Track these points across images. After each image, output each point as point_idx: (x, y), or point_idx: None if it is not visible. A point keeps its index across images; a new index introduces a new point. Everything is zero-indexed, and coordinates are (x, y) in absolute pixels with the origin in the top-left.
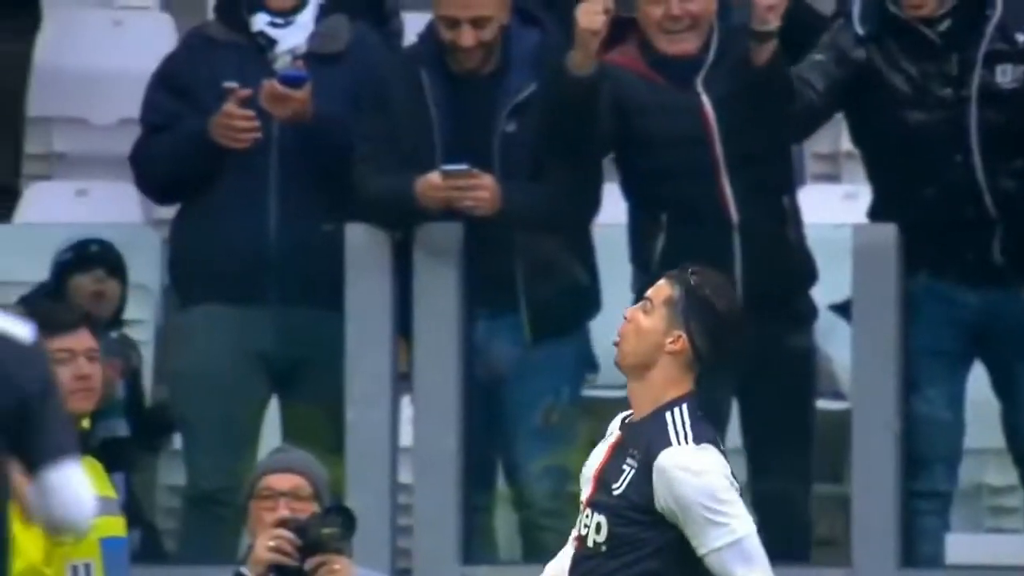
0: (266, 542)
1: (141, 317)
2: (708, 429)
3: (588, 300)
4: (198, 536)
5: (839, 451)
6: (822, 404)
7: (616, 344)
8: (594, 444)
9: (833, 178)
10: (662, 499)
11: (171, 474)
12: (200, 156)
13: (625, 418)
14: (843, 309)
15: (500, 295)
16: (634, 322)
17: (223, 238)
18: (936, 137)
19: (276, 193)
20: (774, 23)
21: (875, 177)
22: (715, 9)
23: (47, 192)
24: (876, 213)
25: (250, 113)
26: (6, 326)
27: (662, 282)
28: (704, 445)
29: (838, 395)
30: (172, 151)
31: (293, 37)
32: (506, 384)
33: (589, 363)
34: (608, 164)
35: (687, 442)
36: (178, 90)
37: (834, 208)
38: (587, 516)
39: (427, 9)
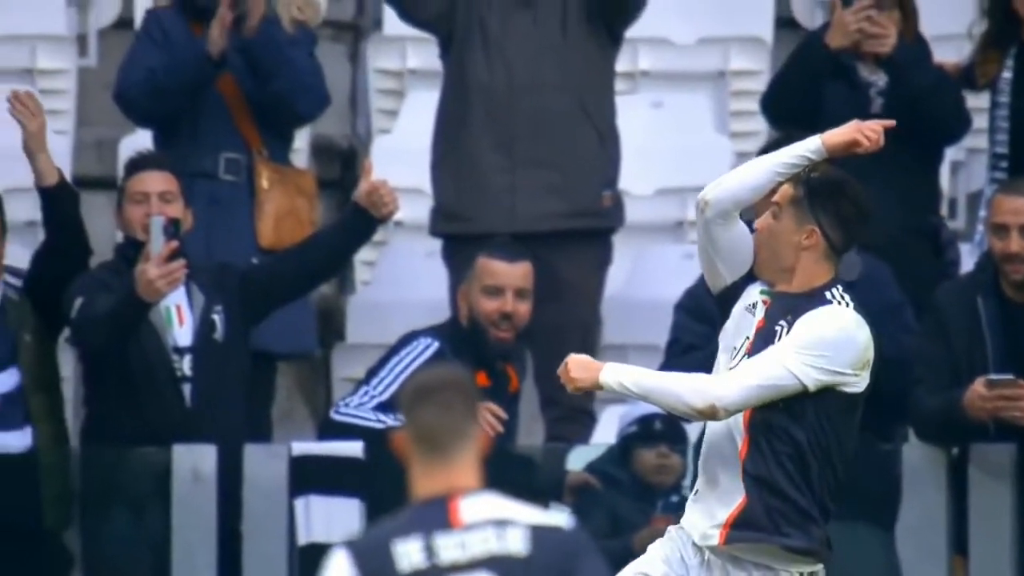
0: None
1: None
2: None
3: None
4: None
5: None
6: None
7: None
8: None
9: None
10: None
11: None
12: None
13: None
14: None
15: None
16: (765, 229)
17: None
18: None
19: None
20: None
21: None
22: None
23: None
24: None
25: None
26: (544, 518)
27: (785, 186)
28: (861, 320)
29: None
30: (703, 367)
31: None
32: None
33: None
34: None
35: (847, 308)
36: (700, 315)
37: None
38: None
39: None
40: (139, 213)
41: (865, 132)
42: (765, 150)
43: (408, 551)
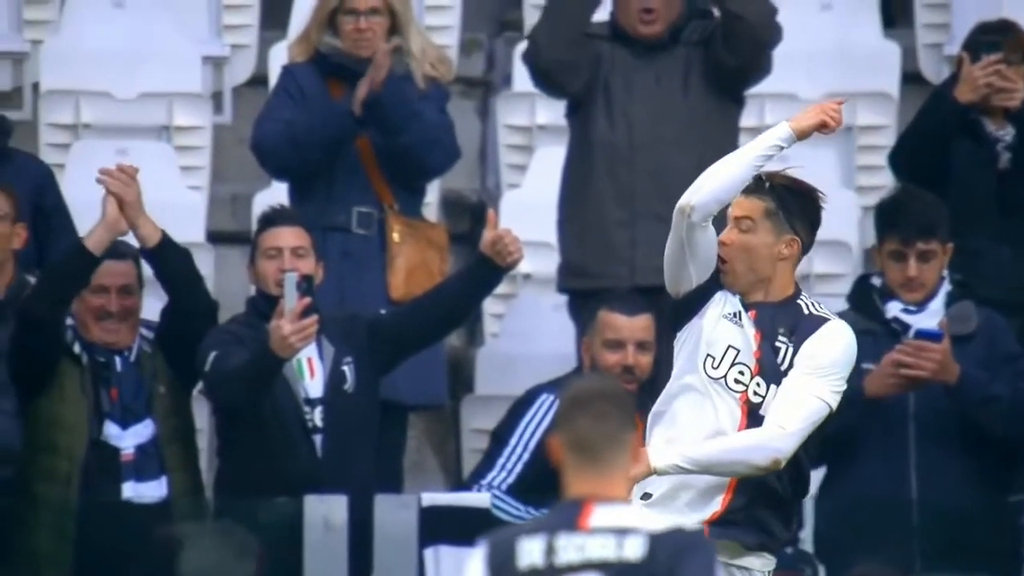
0: None
1: None
2: None
3: None
4: None
5: None
6: None
7: (722, 272)
8: None
9: None
10: None
11: None
12: (850, 414)
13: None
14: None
15: None
16: (738, 244)
17: (867, 502)
18: None
19: (916, 459)
20: None
21: None
22: None
23: None
24: None
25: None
26: (669, 524)
27: (748, 201)
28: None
29: None
30: None
31: (925, 321)
32: None
33: None
34: None
35: (838, 319)
36: None
37: None
38: (757, 385)
39: None
40: (272, 268)
41: (829, 112)
42: (882, 204)
43: (531, 548)
